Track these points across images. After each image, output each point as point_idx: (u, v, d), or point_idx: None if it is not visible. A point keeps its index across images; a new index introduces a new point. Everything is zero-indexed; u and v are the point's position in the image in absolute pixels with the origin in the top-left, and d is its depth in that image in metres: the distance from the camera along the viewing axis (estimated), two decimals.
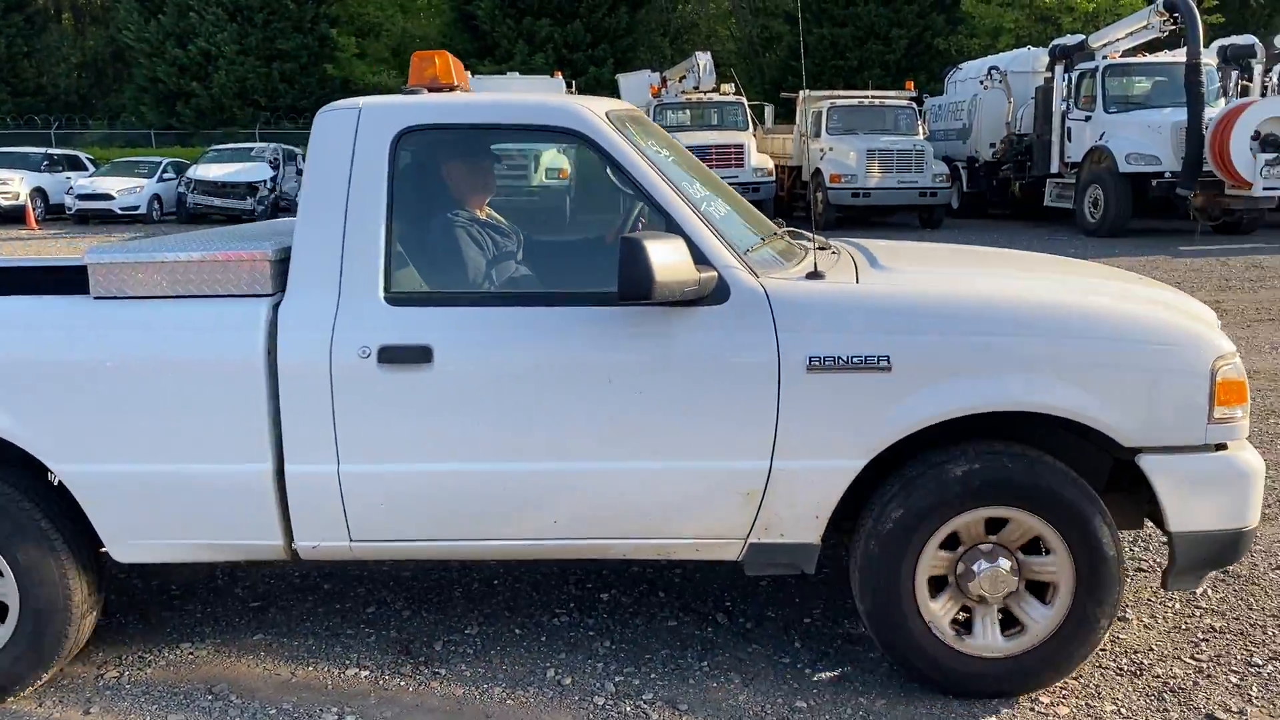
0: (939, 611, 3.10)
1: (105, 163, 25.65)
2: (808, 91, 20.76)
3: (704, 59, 20.34)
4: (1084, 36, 17.79)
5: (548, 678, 3.34)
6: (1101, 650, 3.43)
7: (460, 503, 3.12)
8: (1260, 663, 3.34)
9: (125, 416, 3.09)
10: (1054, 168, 17.57)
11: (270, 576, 4.19)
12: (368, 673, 3.40)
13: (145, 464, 3.11)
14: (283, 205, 22.72)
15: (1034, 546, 3.09)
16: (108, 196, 22.37)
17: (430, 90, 3.45)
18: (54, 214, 23.73)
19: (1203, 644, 3.48)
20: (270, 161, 23.31)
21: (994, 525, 3.07)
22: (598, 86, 29.04)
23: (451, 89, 3.48)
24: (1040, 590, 3.10)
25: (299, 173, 22.73)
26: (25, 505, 3.14)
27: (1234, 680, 3.25)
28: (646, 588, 3.99)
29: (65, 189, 23.24)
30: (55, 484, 3.20)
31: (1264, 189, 14.13)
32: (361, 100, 3.27)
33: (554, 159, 15.14)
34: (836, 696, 3.20)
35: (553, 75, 22.26)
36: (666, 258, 2.85)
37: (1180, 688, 3.21)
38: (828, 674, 3.33)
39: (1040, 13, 27.72)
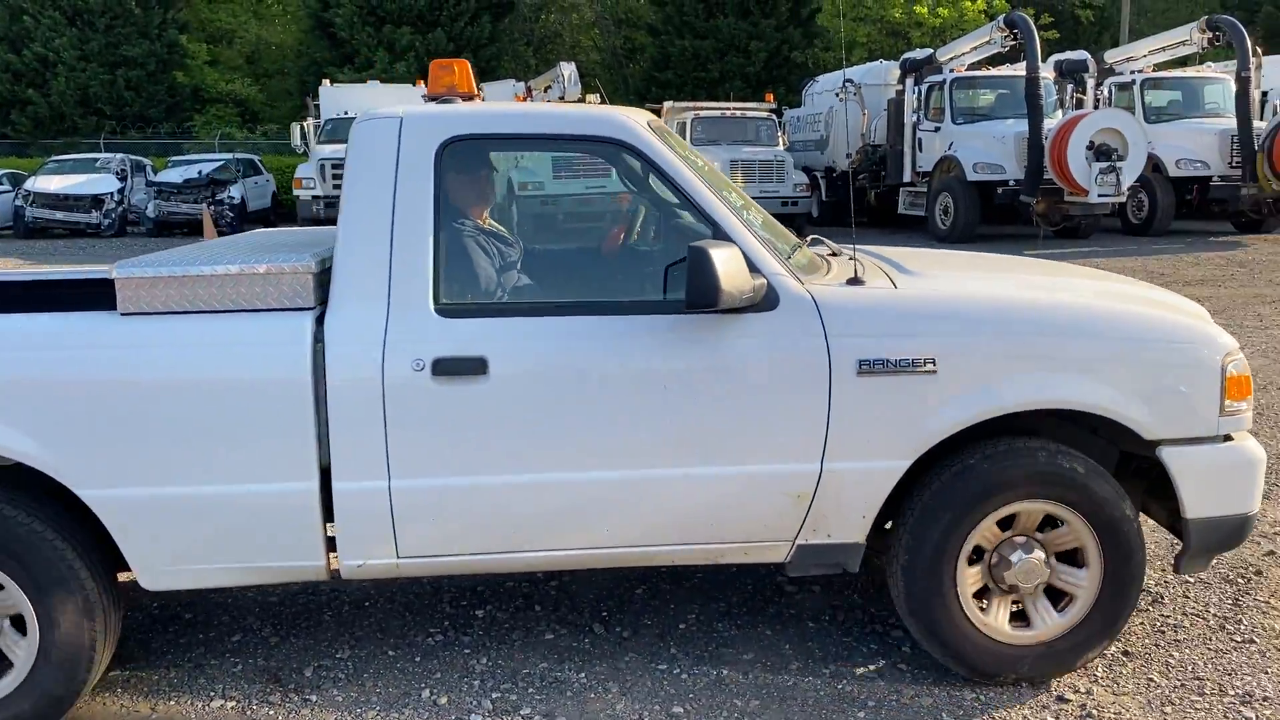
0: (975, 601, 3.24)
1: None
2: (672, 103, 21.04)
3: (568, 69, 20.36)
4: (932, 51, 18.55)
5: (423, 698, 3.29)
6: None
7: (513, 515, 3.09)
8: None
9: (158, 438, 2.95)
10: (906, 177, 18.25)
11: (126, 606, 4.00)
12: (234, 703, 3.29)
13: (180, 486, 2.98)
14: (131, 218, 21.70)
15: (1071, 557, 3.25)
16: None
17: (443, 100, 3.41)
18: None
19: None
20: (117, 173, 22.20)
21: (1008, 522, 3.23)
22: None
23: (470, 98, 3.43)
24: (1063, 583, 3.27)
25: (149, 184, 21.77)
26: (48, 535, 2.95)
27: None
28: (523, 602, 3.97)
29: None
30: (66, 509, 3.03)
31: (1099, 196, 14.98)
32: (401, 109, 3.21)
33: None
34: (712, 700, 3.25)
35: (415, 84, 21.94)
36: (728, 265, 2.91)
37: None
38: (704, 678, 3.38)
39: (891, 27, 28.78)
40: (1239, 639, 3.58)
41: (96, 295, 3.88)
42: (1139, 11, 32.94)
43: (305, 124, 20.20)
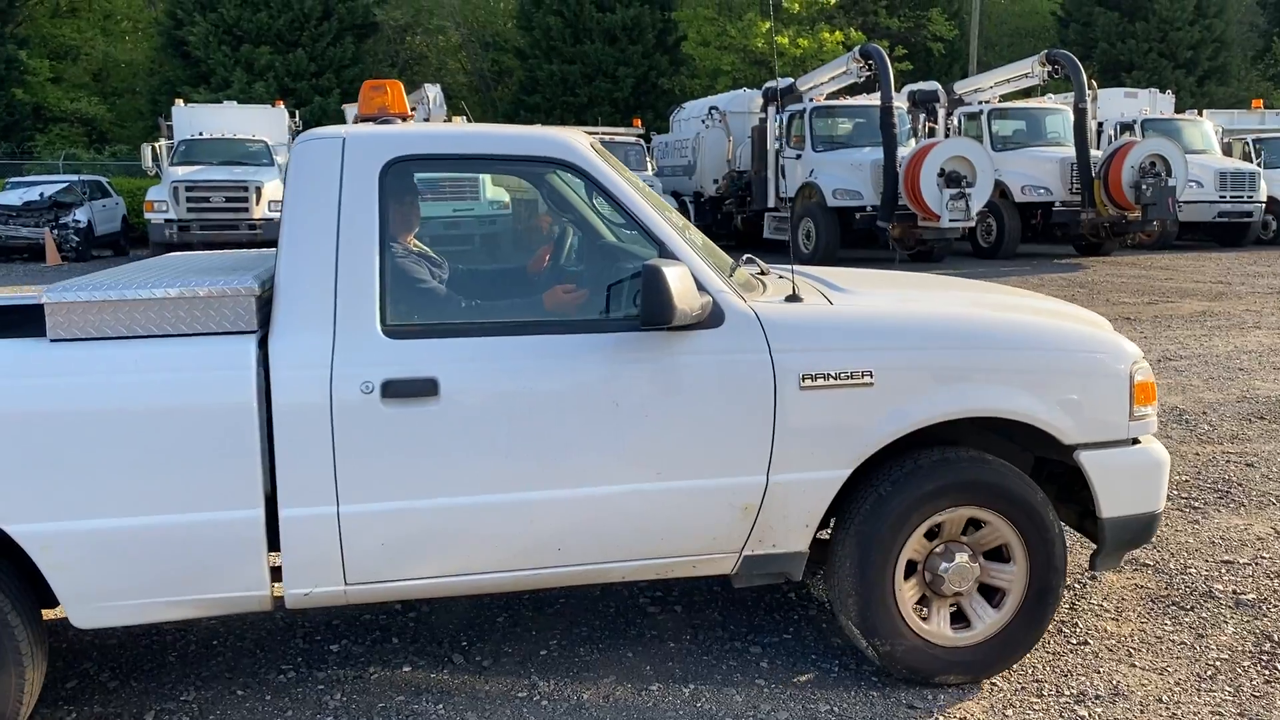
0: (911, 601, 3.36)
1: None
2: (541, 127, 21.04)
3: (434, 91, 20.16)
4: (792, 80, 19.08)
5: None
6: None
7: (466, 537, 3.04)
8: None
9: (92, 468, 2.80)
10: (771, 202, 18.67)
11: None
12: None
13: (116, 519, 2.84)
14: None
15: (996, 551, 3.41)
16: None
17: (379, 121, 3.35)
18: None
19: None
20: None
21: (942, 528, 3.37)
22: (324, 117, 28.10)
23: (404, 119, 3.39)
24: (991, 592, 3.44)
25: None
26: None
27: None
28: (379, 635, 3.88)
29: None
30: None
31: (949, 221, 15.60)
32: (344, 129, 3.15)
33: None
34: None
35: (274, 105, 21.39)
36: (680, 284, 2.94)
37: (885, 681, 3.46)
38: (564, 704, 3.36)
39: (754, 56, 29.49)
40: (1075, 641, 3.76)
41: (18, 321, 3.73)
42: (986, 45, 34.66)
43: (157, 145, 19.41)
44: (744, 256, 3.98)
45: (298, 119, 21.70)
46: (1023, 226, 17.81)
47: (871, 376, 3.22)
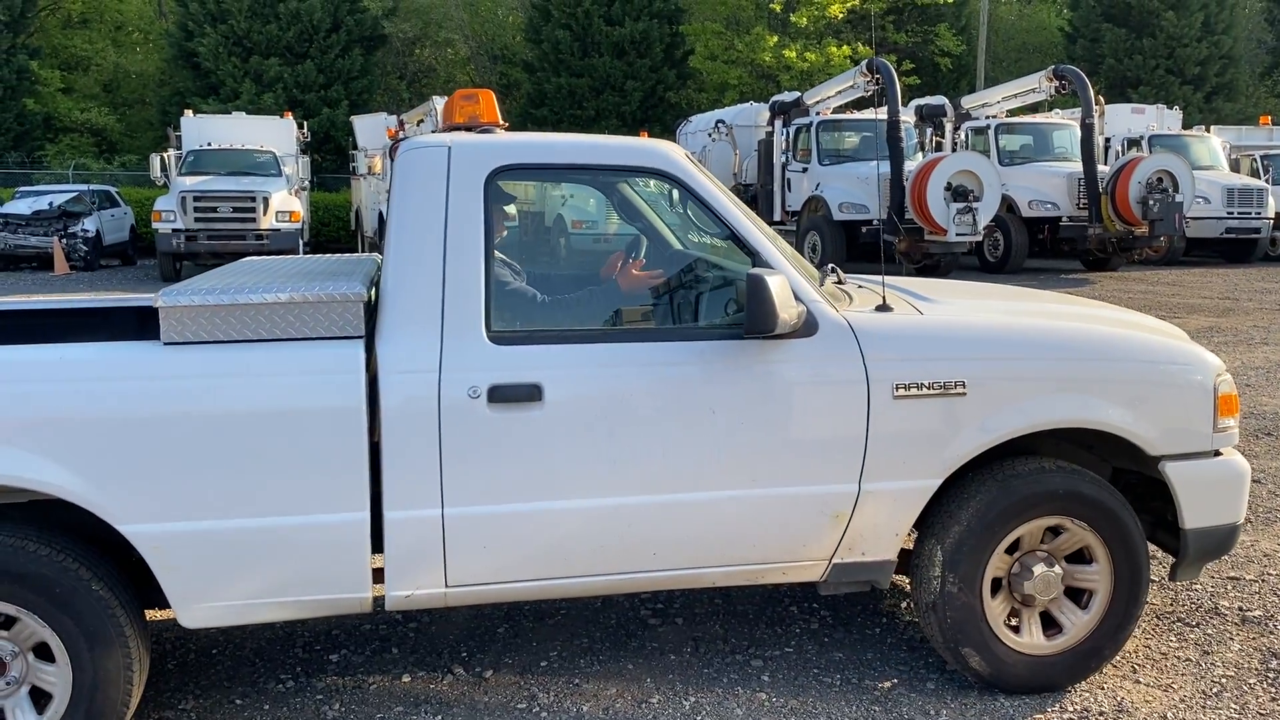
0: (997, 608, 3.37)
1: None
2: None
3: (441, 104, 20.24)
4: (800, 94, 19.11)
5: None
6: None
7: (564, 540, 3.07)
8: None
9: (203, 470, 2.84)
10: (777, 215, 18.67)
11: None
12: None
13: (226, 520, 2.88)
14: None
15: (1078, 558, 3.43)
16: None
17: (470, 129, 3.40)
18: None
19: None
20: None
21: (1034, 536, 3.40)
22: (332, 128, 28.21)
23: (494, 128, 3.43)
24: (1077, 597, 3.45)
25: None
26: (81, 573, 2.79)
27: (930, 686, 3.52)
28: (379, 645, 3.86)
29: None
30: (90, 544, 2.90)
31: (956, 235, 15.59)
32: (448, 137, 3.19)
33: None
34: None
35: (283, 116, 21.46)
36: (780, 293, 2.98)
37: (896, 698, 3.44)
38: (564, 715, 3.34)
39: (761, 70, 29.55)
40: None
41: (127, 324, 3.84)
42: (994, 60, 34.71)
43: (166, 155, 19.44)
44: (828, 266, 3.98)
45: (306, 130, 21.76)
46: (1030, 241, 17.79)
47: (964, 387, 3.25)
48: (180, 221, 16.78)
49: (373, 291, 3.30)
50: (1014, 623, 3.43)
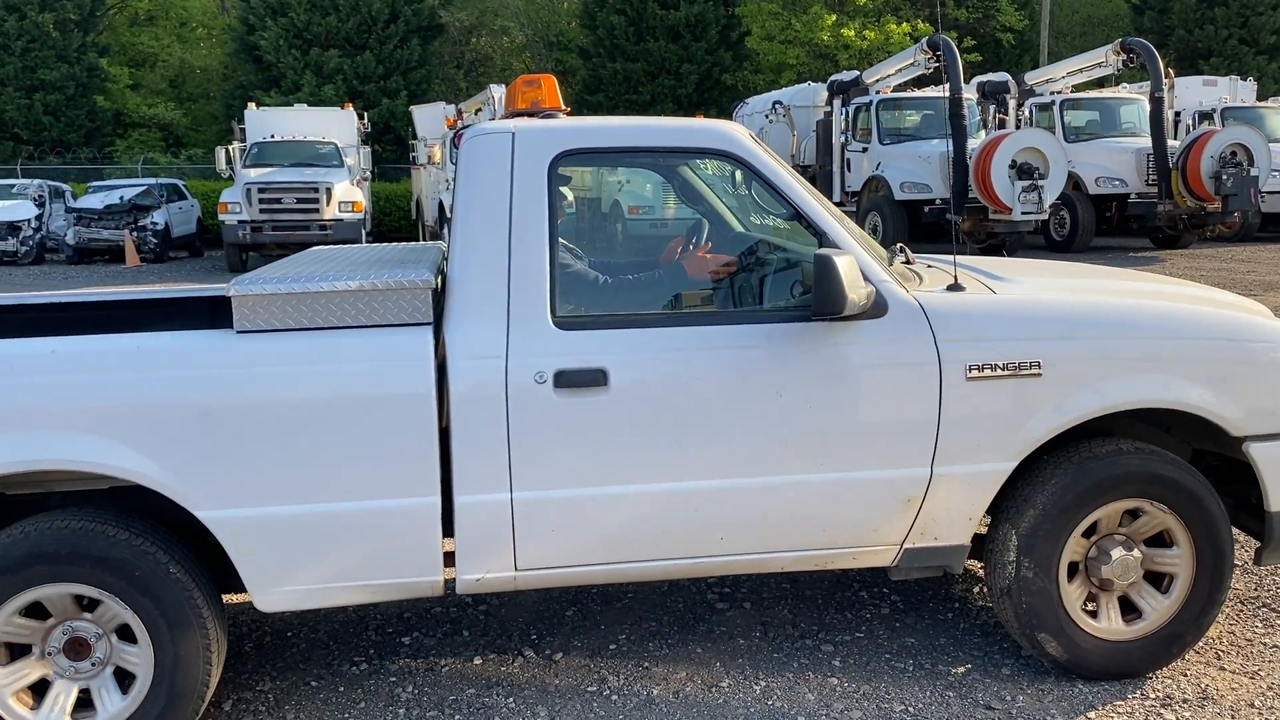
0: (1074, 593, 3.31)
1: None
2: None
3: (499, 92, 20.26)
4: (859, 73, 18.85)
5: None
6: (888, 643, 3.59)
7: (631, 524, 3.09)
8: (1029, 655, 3.57)
9: (277, 456, 2.90)
10: (836, 197, 18.46)
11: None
12: None
13: (299, 505, 2.93)
14: (50, 245, 21.09)
15: (1158, 541, 3.35)
16: None
17: (532, 115, 3.41)
18: None
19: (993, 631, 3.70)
20: (35, 199, 21.56)
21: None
22: (391, 118, 28.49)
23: (556, 113, 3.45)
24: (1158, 581, 3.37)
25: (68, 210, 21.16)
26: (159, 556, 2.88)
27: (1006, 672, 3.47)
28: (450, 628, 3.90)
29: None
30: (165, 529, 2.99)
31: (1022, 213, 15.28)
32: (510, 123, 3.21)
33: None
34: None
35: (343, 107, 21.72)
36: (849, 273, 2.96)
37: (961, 681, 3.39)
38: (634, 699, 3.34)
39: (819, 50, 29.22)
40: None
41: (199, 314, 3.92)
42: (1057, 35, 33.92)
43: (230, 148, 19.79)
44: (897, 246, 3.94)
45: (366, 121, 21.99)
46: (1097, 219, 17.37)
47: (1039, 367, 3.18)
48: (245, 213, 17.08)
49: (440, 279, 3.32)
50: (1091, 608, 3.36)
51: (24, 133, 30.61)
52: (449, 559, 3.12)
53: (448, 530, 3.08)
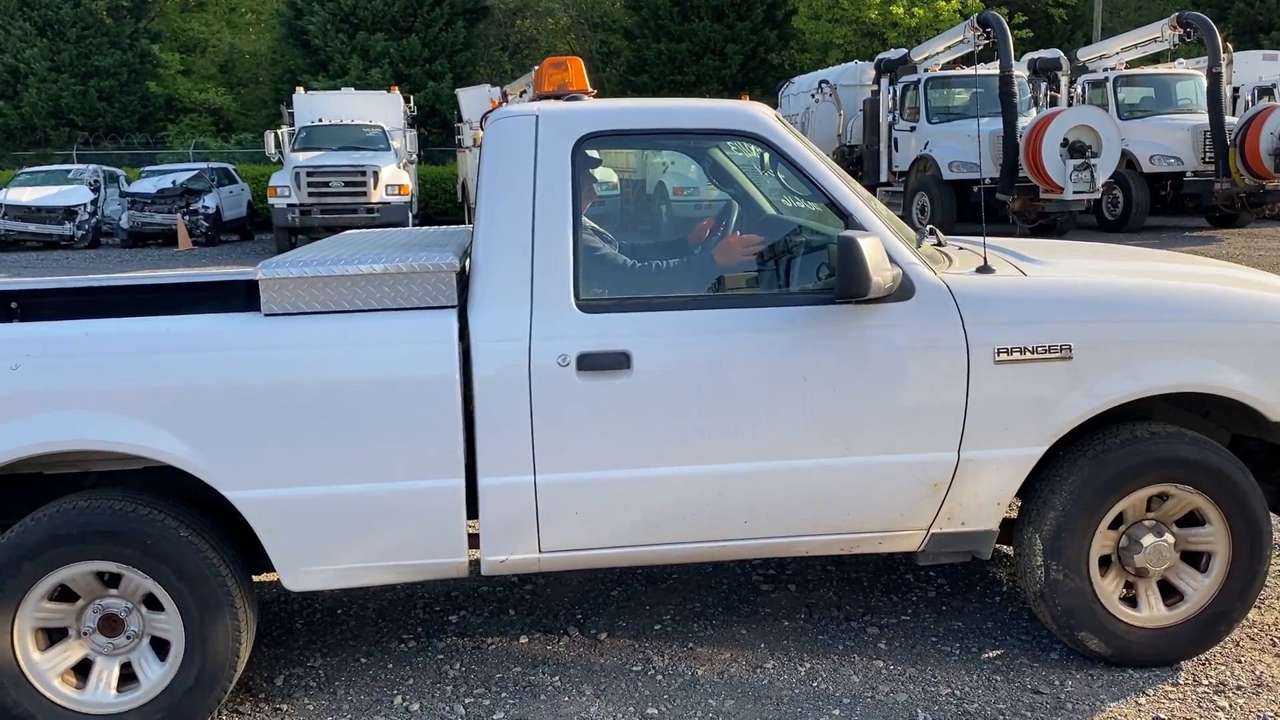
0: (1109, 586, 3.26)
1: None
2: None
3: None
4: (906, 51, 18.60)
5: (395, 705, 3.26)
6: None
7: (655, 507, 3.10)
8: None
9: (304, 437, 2.95)
10: (883, 176, 18.29)
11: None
12: None
13: (326, 486, 2.98)
14: (105, 230, 21.50)
15: (1189, 520, 3.28)
16: None
17: (559, 97, 3.42)
18: None
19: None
20: (90, 184, 21.97)
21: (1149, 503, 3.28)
22: (437, 101, 28.62)
23: (583, 95, 3.44)
24: (1195, 561, 3.31)
25: (122, 195, 21.55)
26: (190, 537, 2.94)
27: (1055, 656, 3.44)
28: (496, 606, 3.94)
29: None
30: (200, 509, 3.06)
31: (1074, 193, 15.04)
32: (535, 106, 3.22)
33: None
34: (687, 700, 3.23)
35: (389, 90, 21.85)
36: (874, 256, 2.93)
37: (1008, 666, 3.37)
38: (679, 679, 3.36)
39: (866, 28, 28.87)
40: None
41: (236, 297, 3.96)
42: (1111, 9, 33.19)
43: (279, 132, 20.00)
44: (927, 227, 3.90)
45: (412, 104, 22.12)
46: (1151, 198, 17.03)
47: (1070, 350, 3.12)
48: (294, 196, 17.26)
49: (466, 262, 3.34)
50: (1130, 594, 3.30)
51: (79, 119, 31.18)
52: (475, 541, 3.13)
53: (473, 512, 3.09)
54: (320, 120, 19.72)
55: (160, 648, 3.04)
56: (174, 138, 31.77)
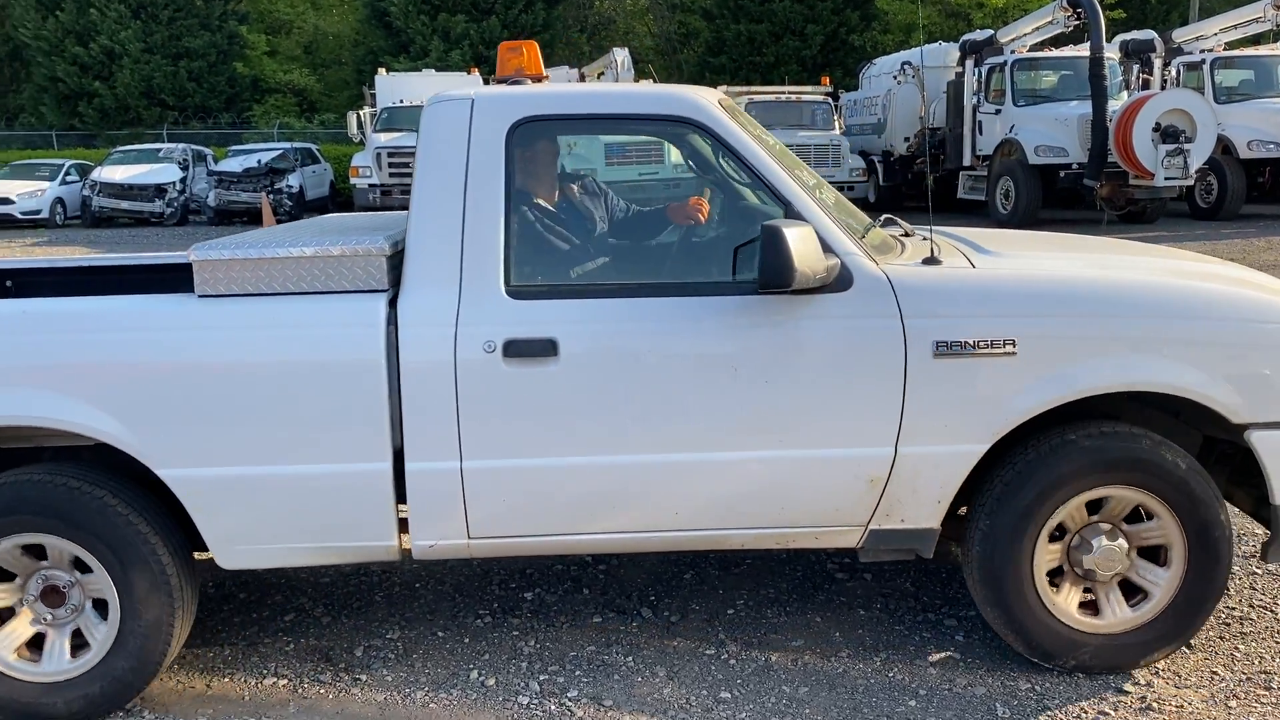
0: (1062, 596, 3.16)
1: (3, 166, 24.66)
2: (726, 88, 20.88)
3: (622, 55, 20.33)
4: (993, 32, 18.17)
5: (471, 679, 3.30)
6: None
7: (584, 496, 3.09)
8: None
9: (234, 418, 2.98)
10: (966, 160, 17.92)
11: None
12: (286, 681, 3.32)
13: (255, 467, 3.01)
14: (193, 207, 22.11)
15: (1137, 517, 3.17)
16: (7, 201, 21.50)
17: (515, 82, 3.40)
18: None
19: None
20: (179, 162, 22.63)
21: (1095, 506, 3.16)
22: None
23: (539, 79, 3.43)
24: (1154, 556, 3.19)
25: (209, 174, 22.12)
26: (131, 517, 3.00)
27: None
28: (571, 585, 3.97)
29: None
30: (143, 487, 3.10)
31: (1165, 179, 14.56)
32: (472, 90, 3.21)
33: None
34: (760, 686, 3.21)
35: (469, 72, 22.04)
36: (802, 245, 2.86)
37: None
38: (752, 664, 3.35)
39: (951, 8, 28.27)
40: None
41: (174, 280, 3.97)
42: None
43: (361, 113, 20.38)
44: (883, 217, 3.79)
45: (490, 85, 22.27)
46: (1248, 185, 16.42)
47: (1014, 346, 3.00)
48: (376, 176, 17.56)
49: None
50: (1090, 596, 3.19)
51: (170, 98, 32.05)
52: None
53: (403, 496, 3.09)
54: (401, 101, 19.99)
55: (103, 609, 3.09)
56: (259, 118, 32.50)
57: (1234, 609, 3.63)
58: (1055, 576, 3.18)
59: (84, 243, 18.25)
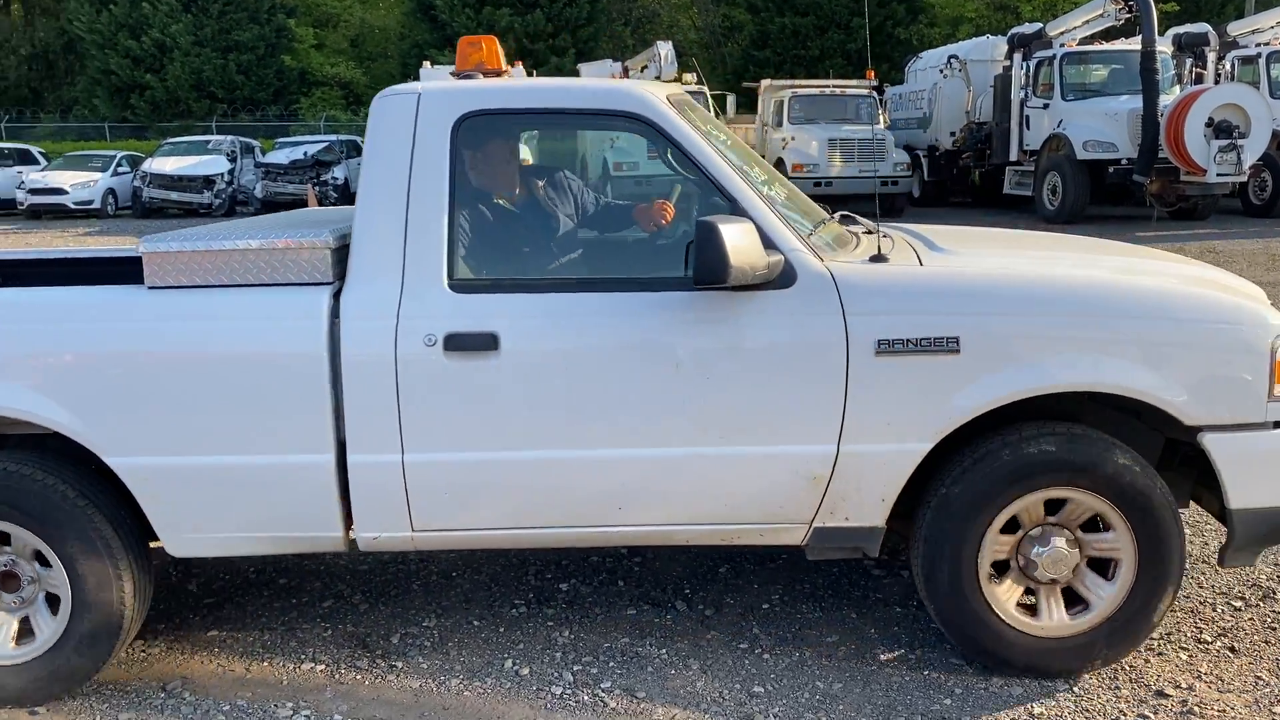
0: (1003, 594, 3.13)
1: (57, 157, 25.17)
2: (770, 81, 20.77)
3: (665, 49, 20.27)
4: (1041, 25, 17.93)
5: (505, 668, 3.32)
6: None
7: (526, 490, 3.10)
8: (1209, 639, 3.39)
9: (180, 408, 3.02)
10: (1013, 155, 17.69)
11: (225, 571, 4.13)
12: (324, 666, 3.37)
13: (201, 456, 3.05)
14: (240, 199, 22.41)
15: (1093, 525, 3.12)
16: (60, 191, 21.96)
17: (480, 76, 3.42)
18: (4, 209, 23.26)
19: None
20: (227, 154, 22.97)
21: (1054, 506, 3.10)
22: (559, 76, 28.87)
23: (499, 74, 3.45)
24: (1102, 568, 3.14)
25: (256, 165, 22.43)
26: (77, 500, 3.05)
27: (1184, 657, 3.30)
28: (606, 577, 3.98)
29: (16, 184, 22.77)
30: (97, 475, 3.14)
31: (1217, 175, 14.30)
32: (420, 85, 3.22)
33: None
34: (794, 681, 3.21)
35: (513, 65, 22.11)
36: (739, 241, 2.85)
37: (1131, 665, 3.24)
38: (786, 659, 3.34)
39: (999, 1, 27.94)
40: None
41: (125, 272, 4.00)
42: None
43: None
44: (839, 214, 3.74)
45: (534, 78, 22.34)
46: None
47: (957, 344, 2.96)
48: None
49: None
50: (1028, 601, 3.15)
51: (219, 91, 32.52)
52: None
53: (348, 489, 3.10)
54: None
55: (54, 603, 3.13)
56: (306, 110, 32.89)
57: (1279, 613, 3.57)
58: (1001, 571, 3.14)
59: (133, 233, 18.56)
